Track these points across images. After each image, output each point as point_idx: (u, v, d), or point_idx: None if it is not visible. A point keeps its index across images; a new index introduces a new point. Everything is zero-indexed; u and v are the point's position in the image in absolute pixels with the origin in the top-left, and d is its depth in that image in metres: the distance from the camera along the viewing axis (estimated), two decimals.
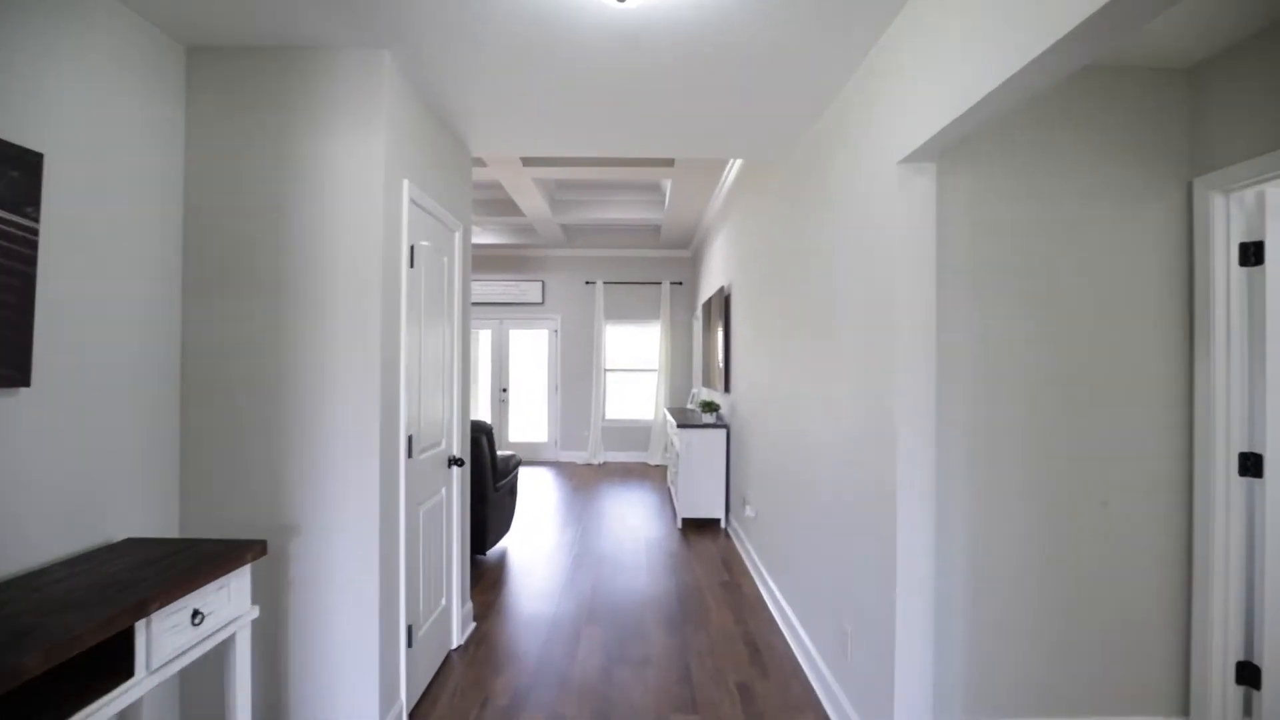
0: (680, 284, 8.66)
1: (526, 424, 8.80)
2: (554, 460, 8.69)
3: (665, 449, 8.30)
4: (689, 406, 6.89)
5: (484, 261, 8.75)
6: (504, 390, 8.75)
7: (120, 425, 1.98)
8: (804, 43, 2.19)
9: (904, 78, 1.96)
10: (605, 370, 8.71)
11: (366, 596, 2.24)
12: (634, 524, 5.46)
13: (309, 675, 2.25)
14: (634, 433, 8.67)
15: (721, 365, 5.30)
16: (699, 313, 7.59)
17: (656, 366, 8.62)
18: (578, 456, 8.64)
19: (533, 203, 6.30)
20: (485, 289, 8.70)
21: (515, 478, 4.79)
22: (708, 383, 6.38)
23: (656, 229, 8.19)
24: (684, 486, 5.15)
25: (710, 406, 5.18)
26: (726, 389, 5.25)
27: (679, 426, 5.18)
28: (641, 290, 8.69)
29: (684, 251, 8.65)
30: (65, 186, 1.76)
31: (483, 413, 8.77)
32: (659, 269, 8.69)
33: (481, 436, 4.13)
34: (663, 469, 8.17)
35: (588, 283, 8.68)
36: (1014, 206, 2.33)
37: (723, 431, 5.12)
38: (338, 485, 2.23)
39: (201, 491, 2.22)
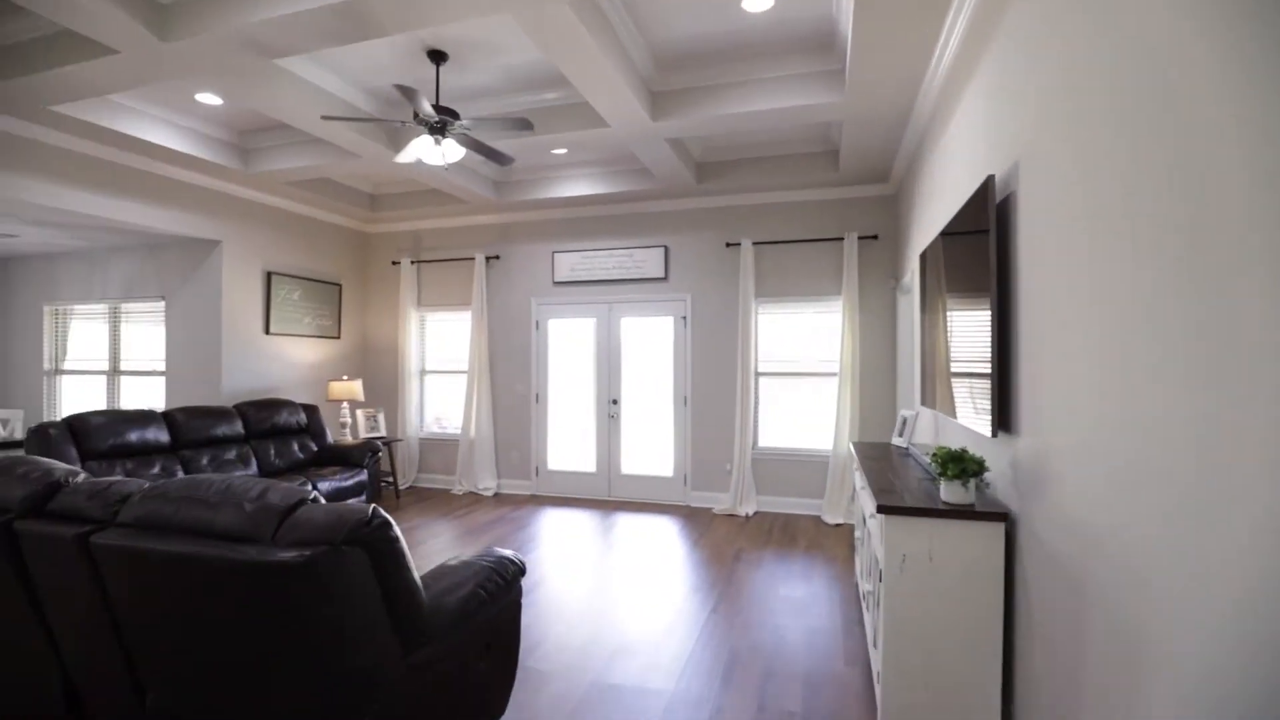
0: (874, 238, 5.51)
1: (645, 451, 6.25)
2: (682, 505, 6.03)
3: (851, 500, 5.23)
4: (899, 444, 3.81)
5: (582, 224, 6.38)
6: (613, 403, 6.29)
7: None
8: None
9: None
10: (757, 374, 5.86)
11: None
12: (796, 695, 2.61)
13: None
14: (802, 469, 5.70)
15: (991, 367, 2.19)
16: (913, 276, 4.44)
17: (837, 368, 5.57)
18: (716, 502, 5.89)
19: (616, 101, 3.72)
20: (586, 261, 6.31)
21: (506, 613, 2.23)
22: (931, 399, 3.28)
23: (832, 156, 5.14)
24: (892, 642, 2.20)
25: (961, 464, 2.15)
26: (1002, 423, 2.18)
27: (880, 511, 2.23)
28: (811, 251, 5.69)
29: (879, 187, 5.49)
30: None
31: (585, 433, 6.40)
32: (839, 216, 5.63)
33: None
34: (846, 533, 5.10)
35: (730, 244, 5.89)
36: None
37: (993, 531, 2.09)
38: None
39: None
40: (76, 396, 6.39)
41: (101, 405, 6.21)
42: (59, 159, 4.38)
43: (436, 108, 3.63)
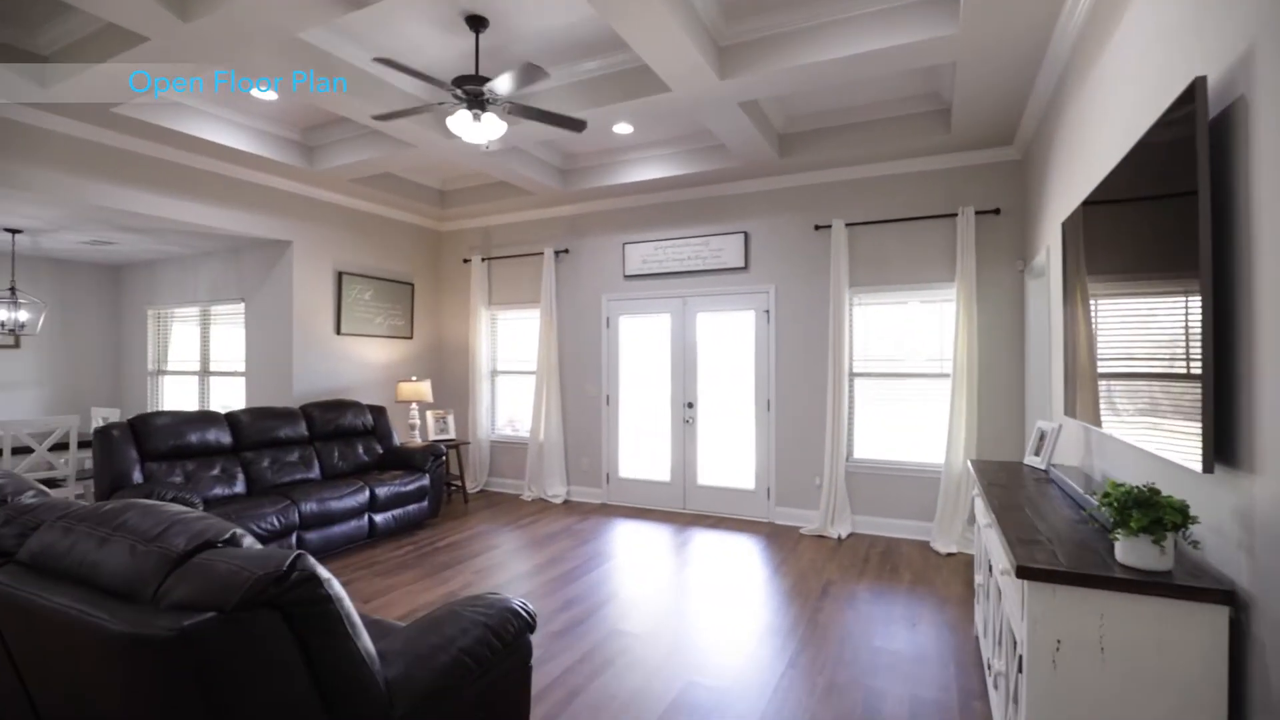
0: (995, 213, 4.61)
1: (724, 461, 5.65)
2: (764, 522, 5.37)
3: (968, 524, 4.39)
4: (1035, 464, 2.99)
5: (653, 212, 5.87)
6: (689, 406, 5.73)
7: None
8: None
9: None
10: (852, 374, 5.10)
11: None
12: None
13: None
14: (905, 487, 4.89)
15: (1203, 368, 1.45)
16: (1048, 255, 3.58)
17: (949, 368, 4.72)
18: (804, 520, 5.19)
19: (677, 58, 3.17)
20: (659, 251, 5.80)
21: (506, 683, 1.75)
22: (1079, 408, 2.47)
23: (941, 116, 4.33)
24: None
25: (1153, 512, 1.43)
26: (1223, 453, 1.44)
27: (1022, 574, 1.55)
28: (916, 232, 4.87)
29: (1000, 151, 4.58)
30: None
31: (659, 439, 5.88)
32: (950, 189, 4.77)
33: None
34: (961, 566, 4.26)
35: (819, 227, 5.17)
36: None
37: (1209, 617, 1.36)
38: None
39: None
40: (175, 396, 6.67)
41: (194, 405, 6.42)
42: (129, 163, 4.42)
43: (474, 77, 3.25)
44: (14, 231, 5.15)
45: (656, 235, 5.84)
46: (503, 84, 3.13)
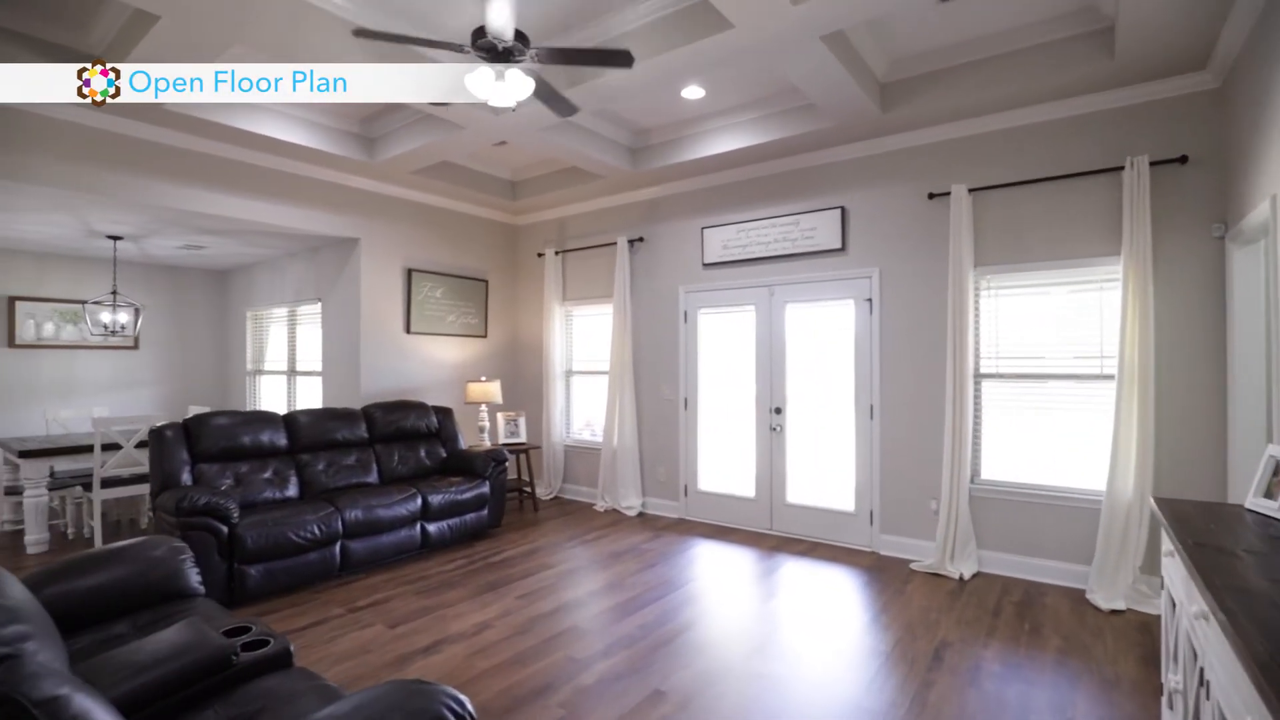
0: (1179, 161, 3.48)
1: (817, 476, 4.84)
2: (866, 551, 4.51)
3: (1139, 573, 3.33)
4: (1265, 509, 2.02)
5: (734, 190, 5.17)
6: (776, 412, 4.98)
7: None
8: None
9: None
10: (978, 375, 4.13)
11: None
12: None
13: None
14: (1052, 518, 3.85)
15: None
16: (1273, 211, 2.53)
17: (1114, 368, 3.64)
18: (916, 552, 4.28)
19: None
20: (741, 235, 5.09)
21: None
22: None
23: (1099, 39, 3.33)
24: None
25: None
26: None
27: None
28: (1064, 193, 3.82)
29: (1188, 80, 3.45)
30: None
31: (742, 449, 5.17)
32: (1114, 134, 3.68)
33: None
34: (1132, 629, 3.21)
35: (934, 195, 4.24)
36: None
37: None
38: None
39: None
40: (270, 395, 6.87)
41: (283, 404, 6.56)
42: (191, 162, 4.41)
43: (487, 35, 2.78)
44: (115, 238, 5.42)
45: (738, 216, 5.14)
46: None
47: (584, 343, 6.37)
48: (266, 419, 4.38)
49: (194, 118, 4.00)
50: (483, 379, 5.92)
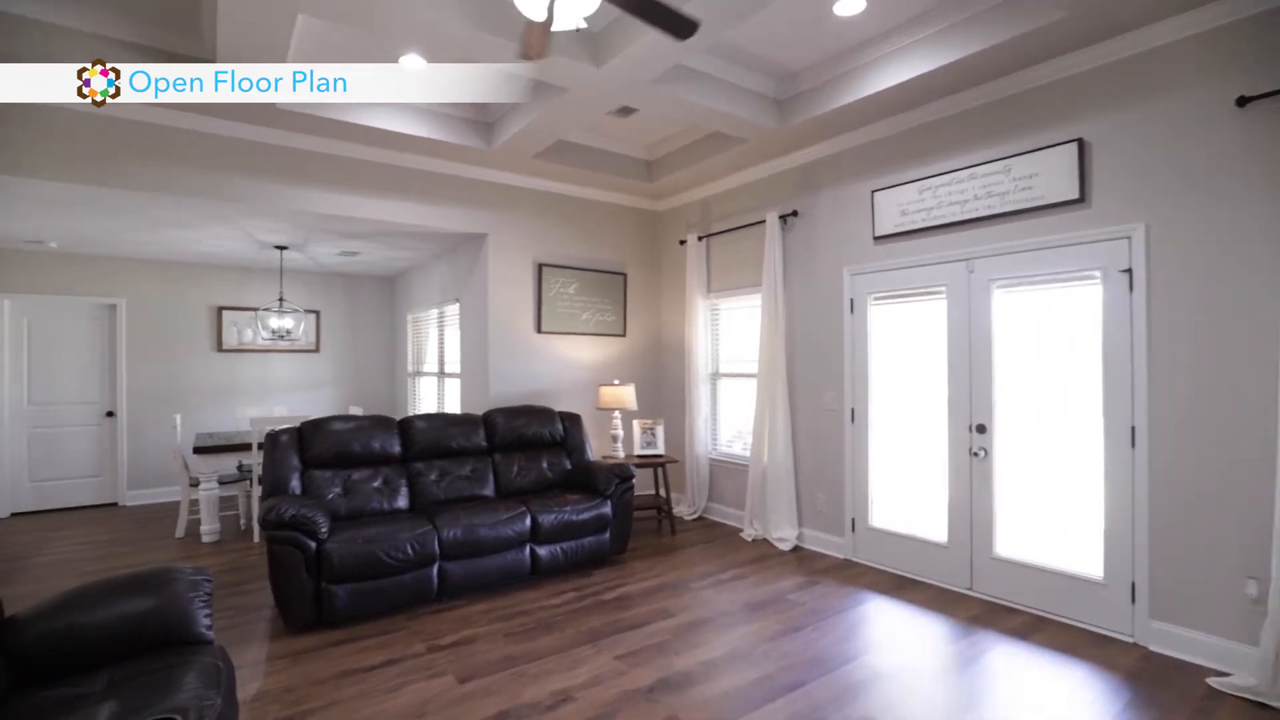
0: None
1: (1039, 522, 3.45)
2: (1123, 641, 3.05)
3: None
4: None
5: (914, 137, 3.93)
6: (978, 430, 3.67)
7: None
8: None
9: None
10: None
11: None
12: None
13: None
14: None
15: None
16: None
17: None
18: (1218, 659, 2.76)
19: None
20: (926, 195, 3.86)
21: None
22: None
23: None
24: None
25: None
26: None
27: None
28: None
29: None
30: None
31: (930, 476, 3.91)
32: None
33: None
34: None
35: (1248, 100, 2.69)
36: None
37: None
38: None
39: None
40: (426, 397, 6.99)
41: (432, 405, 6.60)
42: (311, 164, 4.37)
43: None
44: (281, 248, 5.75)
45: (921, 171, 3.91)
46: None
47: (732, 340, 5.49)
48: (382, 425, 4.18)
49: (312, 116, 3.89)
50: (615, 382, 5.33)
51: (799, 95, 4.09)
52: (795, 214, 4.69)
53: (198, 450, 4.88)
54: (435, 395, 6.58)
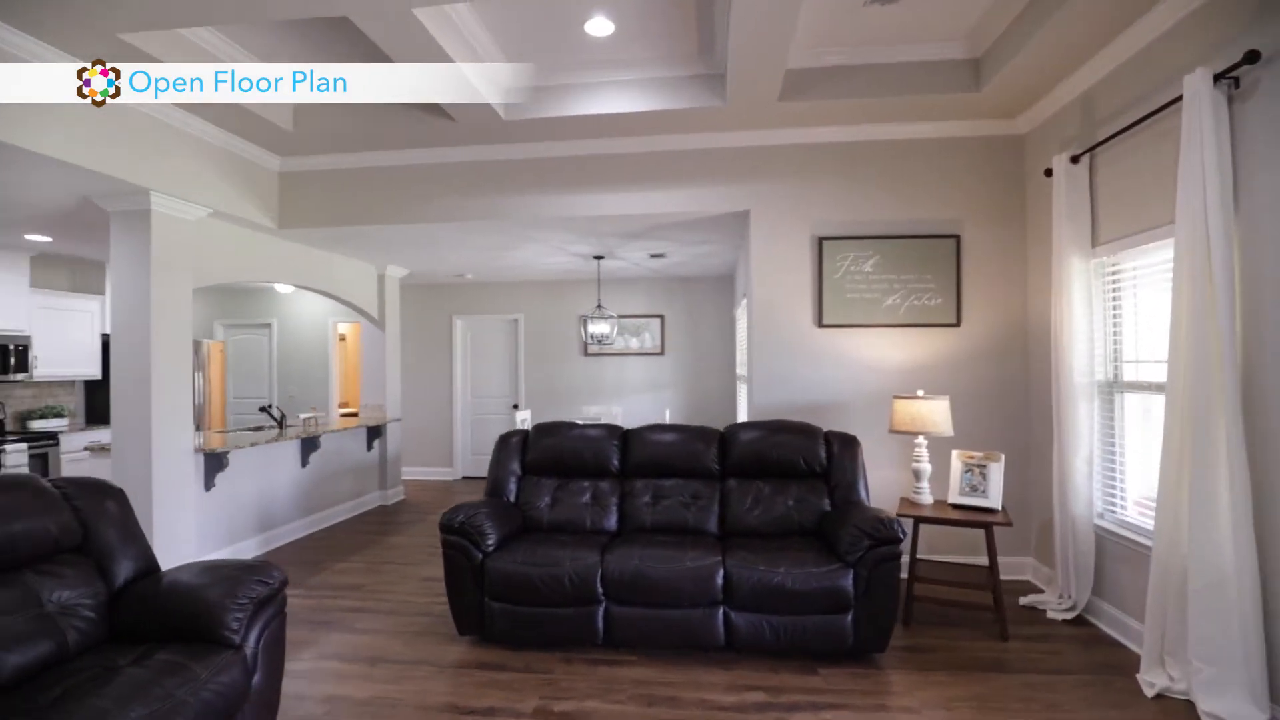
0: None
1: None
2: None
3: None
4: None
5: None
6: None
7: None
8: None
9: None
10: None
11: None
12: None
13: None
14: None
15: None
16: None
17: None
18: None
19: None
20: None
21: None
22: None
23: None
24: None
25: None
26: None
27: None
28: None
29: None
30: None
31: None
32: None
33: None
34: None
35: None
36: None
37: None
38: None
39: None
40: (743, 405, 6.40)
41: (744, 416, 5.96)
42: (546, 169, 4.35)
43: None
44: (598, 258, 6.05)
45: None
46: None
47: (1146, 326, 3.17)
48: (603, 434, 3.84)
49: (525, 122, 3.88)
50: (920, 394, 3.68)
51: None
52: (1254, 58, 2.32)
53: None
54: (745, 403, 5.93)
